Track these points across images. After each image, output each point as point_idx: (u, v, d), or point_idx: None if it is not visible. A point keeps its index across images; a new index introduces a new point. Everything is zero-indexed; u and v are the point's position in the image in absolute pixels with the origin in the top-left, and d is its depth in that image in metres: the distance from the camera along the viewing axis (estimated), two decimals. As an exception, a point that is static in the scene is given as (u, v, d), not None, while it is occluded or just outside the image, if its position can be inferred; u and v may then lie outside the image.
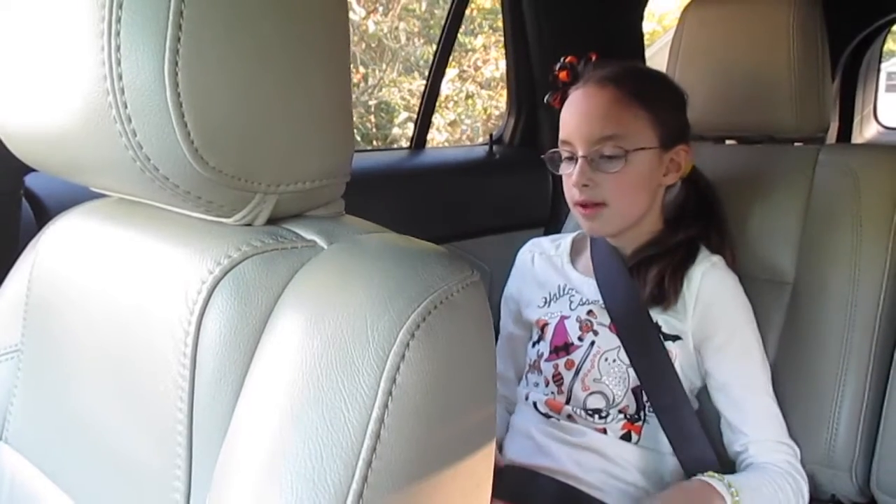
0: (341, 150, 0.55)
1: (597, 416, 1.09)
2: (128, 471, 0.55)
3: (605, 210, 1.09)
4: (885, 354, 1.13)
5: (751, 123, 1.30)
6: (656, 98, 1.11)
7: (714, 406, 1.11)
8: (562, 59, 1.17)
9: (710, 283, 1.10)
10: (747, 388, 1.09)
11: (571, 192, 1.10)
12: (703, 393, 1.13)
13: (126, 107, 0.45)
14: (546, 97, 1.20)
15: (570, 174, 1.10)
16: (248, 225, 0.54)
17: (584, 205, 1.09)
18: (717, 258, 1.13)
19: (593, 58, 1.15)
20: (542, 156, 1.15)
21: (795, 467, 1.07)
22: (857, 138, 2.97)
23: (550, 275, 1.22)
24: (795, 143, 1.32)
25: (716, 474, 1.02)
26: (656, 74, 1.22)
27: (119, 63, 0.45)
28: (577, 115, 1.10)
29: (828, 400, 1.13)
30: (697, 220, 1.16)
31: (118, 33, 0.44)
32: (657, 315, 1.10)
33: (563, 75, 1.16)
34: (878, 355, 1.13)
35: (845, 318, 1.14)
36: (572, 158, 1.10)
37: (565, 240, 1.25)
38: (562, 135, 1.12)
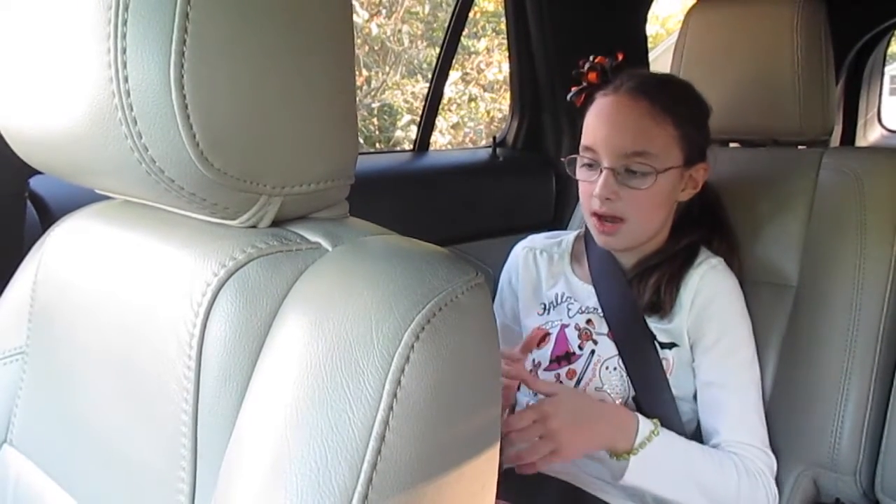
0: (346, 152, 0.55)
1: None
2: (132, 473, 0.55)
3: (623, 226, 1.07)
4: (889, 357, 1.13)
5: (755, 126, 1.30)
6: (687, 115, 1.09)
7: None
8: (591, 59, 1.13)
9: (707, 284, 1.09)
10: (727, 388, 1.07)
11: (591, 202, 1.08)
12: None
13: (132, 109, 0.45)
14: (570, 94, 1.16)
15: (590, 182, 1.08)
16: (253, 227, 0.54)
17: (601, 217, 1.07)
18: (716, 260, 1.12)
19: (620, 57, 1.13)
20: (563, 159, 1.12)
21: (761, 471, 1.03)
22: (860, 142, 2.96)
23: (550, 280, 1.20)
24: (799, 147, 1.32)
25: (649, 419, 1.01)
26: (688, 88, 1.15)
27: (125, 65, 0.45)
28: (606, 124, 1.07)
29: (831, 403, 1.13)
30: (701, 225, 1.15)
31: (124, 35, 0.44)
32: (654, 324, 1.09)
33: (592, 76, 1.13)
34: (882, 358, 1.12)
35: (849, 321, 1.14)
36: (593, 166, 1.08)
37: (566, 237, 1.24)
38: (585, 141, 1.09)
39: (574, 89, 1.16)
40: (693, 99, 1.14)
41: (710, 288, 1.09)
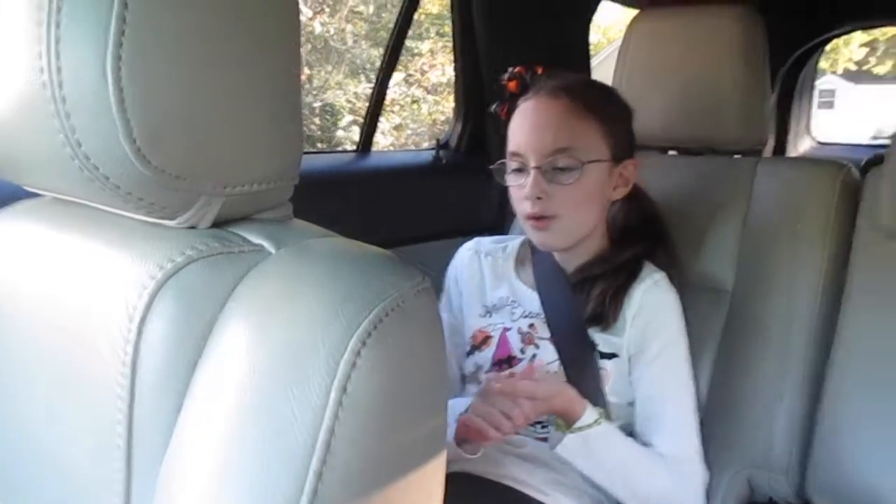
0: (290, 151, 0.54)
1: (538, 426, 1.08)
2: (67, 481, 0.53)
3: (555, 223, 1.07)
4: (820, 360, 1.16)
5: (693, 135, 1.33)
6: (608, 111, 1.11)
7: None
8: (510, 70, 1.15)
9: (650, 300, 1.10)
10: (666, 402, 1.09)
11: (522, 206, 1.08)
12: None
13: (65, 102, 0.43)
14: (493, 107, 1.17)
15: (520, 186, 1.08)
16: (193, 228, 0.52)
17: (535, 217, 1.08)
18: (659, 276, 1.13)
19: (539, 70, 1.14)
20: (490, 167, 1.13)
21: (692, 480, 1.07)
22: (791, 152, 3.06)
23: (494, 282, 1.20)
24: (735, 156, 1.35)
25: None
26: (606, 88, 1.21)
27: (59, 56, 0.42)
28: (528, 126, 1.08)
29: (765, 403, 1.16)
30: (644, 239, 1.16)
31: (58, 24, 0.42)
32: (595, 333, 1.10)
33: (511, 85, 1.14)
34: (812, 361, 1.16)
35: (782, 326, 1.17)
36: (522, 170, 1.08)
37: (512, 243, 1.24)
38: (511, 146, 1.09)
39: (495, 104, 1.17)
40: (613, 97, 1.17)
41: (652, 304, 1.10)
